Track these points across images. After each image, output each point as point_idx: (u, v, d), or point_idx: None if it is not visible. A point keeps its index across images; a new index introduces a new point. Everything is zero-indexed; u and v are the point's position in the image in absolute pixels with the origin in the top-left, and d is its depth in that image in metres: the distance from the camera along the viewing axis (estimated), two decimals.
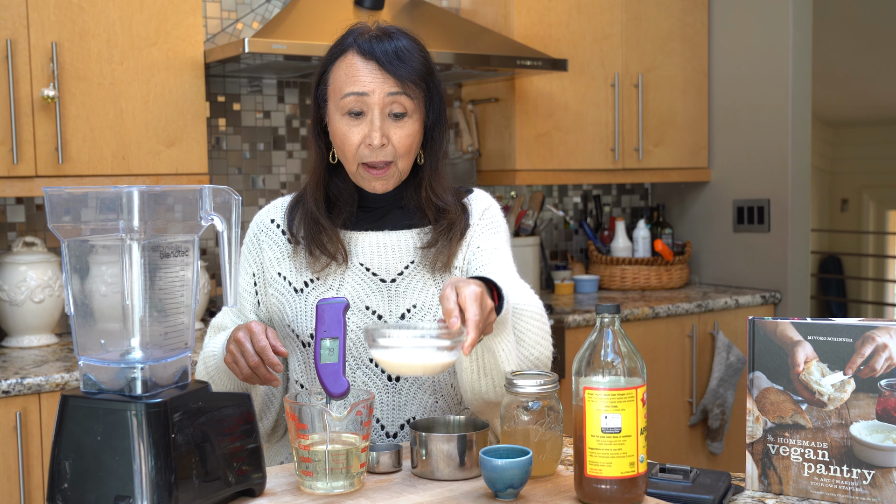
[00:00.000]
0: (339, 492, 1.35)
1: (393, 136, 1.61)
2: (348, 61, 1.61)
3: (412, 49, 1.62)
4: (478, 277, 1.46)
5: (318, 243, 1.66)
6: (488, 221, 1.73)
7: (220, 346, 1.64)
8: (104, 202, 1.23)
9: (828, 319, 1.37)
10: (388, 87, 1.58)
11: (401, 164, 1.64)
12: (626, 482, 1.27)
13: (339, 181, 1.70)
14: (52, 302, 2.79)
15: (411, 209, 1.70)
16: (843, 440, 1.34)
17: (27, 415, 2.36)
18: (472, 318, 1.30)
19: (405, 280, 1.68)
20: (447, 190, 1.71)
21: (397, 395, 1.67)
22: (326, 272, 1.68)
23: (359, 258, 1.68)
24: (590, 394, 1.27)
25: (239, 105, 3.28)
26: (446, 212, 1.68)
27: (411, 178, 1.70)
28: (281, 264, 1.71)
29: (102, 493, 1.20)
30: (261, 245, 1.74)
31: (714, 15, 3.94)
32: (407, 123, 1.61)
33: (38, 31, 2.58)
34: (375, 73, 1.58)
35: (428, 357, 1.27)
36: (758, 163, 3.83)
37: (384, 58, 1.58)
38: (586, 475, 1.28)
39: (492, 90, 3.57)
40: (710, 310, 3.58)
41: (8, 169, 2.56)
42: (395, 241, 1.69)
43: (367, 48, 1.59)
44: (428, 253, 1.67)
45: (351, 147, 1.61)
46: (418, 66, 1.61)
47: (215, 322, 1.76)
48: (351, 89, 1.59)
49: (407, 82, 1.59)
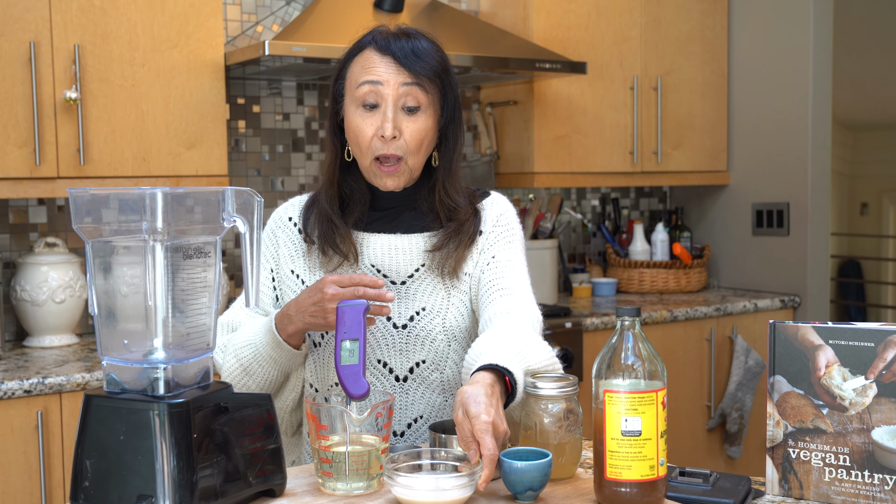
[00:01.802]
0: (358, 493, 1.35)
1: (405, 130, 1.61)
2: (365, 56, 1.64)
3: (430, 49, 1.64)
4: (487, 367, 1.40)
5: (330, 242, 1.67)
6: (503, 229, 1.72)
7: (254, 336, 1.63)
8: (128, 203, 1.24)
9: (849, 324, 1.36)
10: (402, 77, 1.60)
11: (411, 161, 1.64)
12: (645, 485, 1.27)
13: (352, 180, 1.70)
14: (73, 302, 2.81)
15: (424, 211, 1.70)
16: (864, 445, 1.34)
17: (48, 414, 2.38)
18: (486, 454, 1.26)
19: (415, 283, 1.68)
20: (461, 193, 1.70)
21: (405, 395, 1.68)
22: (338, 272, 1.69)
23: (370, 259, 1.69)
24: (610, 397, 1.27)
25: (259, 107, 3.29)
26: (456, 213, 1.68)
27: (425, 179, 1.70)
28: (295, 262, 1.72)
29: (125, 492, 1.21)
30: (277, 241, 1.75)
31: (734, 17, 3.92)
32: (420, 118, 1.62)
33: (60, 33, 2.61)
34: (391, 66, 1.61)
35: (445, 496, 1.27)
36: (777, 166, 3.81)
37: (400, 53, 1.61)
38: (606, 478, 1.28)
39: (510, 93, 3.58)
40: (728, 313, 3.57)
41: (30, 170, 2.58)
42: (406, 243, 1.69)
43: (385, 44, 1.62)
44: (436, 256, 1.67)
45: (365, 139, 1.62)
46: (434, 64, 1.63)
47: (228, 320, 1.75)
48: (366, 78, 1.61)
49: (422, 77, 1.61)
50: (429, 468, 1.35)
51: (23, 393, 2.33)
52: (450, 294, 1.69)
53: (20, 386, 2.33)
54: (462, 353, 1.70)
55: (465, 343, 1.70)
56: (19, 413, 2.35)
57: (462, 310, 1.69)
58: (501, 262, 1.69)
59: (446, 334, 1.68)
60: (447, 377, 1.69)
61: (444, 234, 1.68)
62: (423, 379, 1.68)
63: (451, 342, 1.68)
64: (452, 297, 1.69)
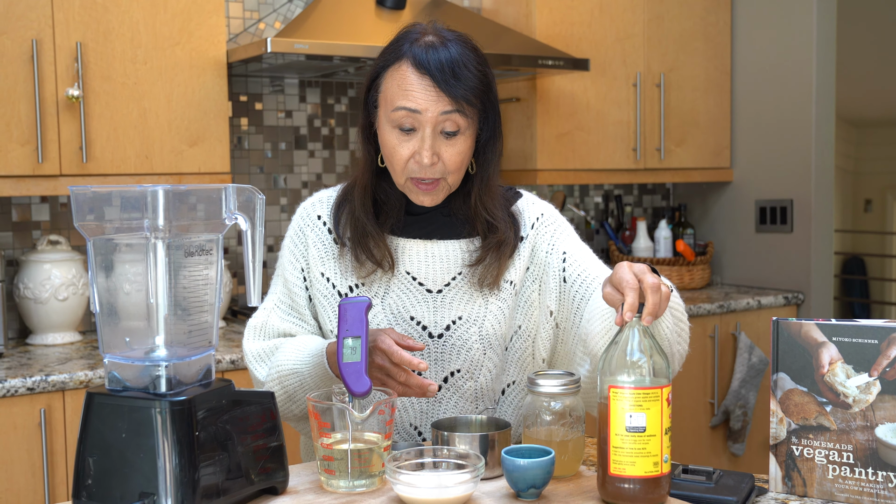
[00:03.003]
0: (361, 490, 1.35)
1: (444, 154, 1.55)
2: (402, 72, 1.54)
3: (469, 62, 1.54)
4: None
5: (364, 249, 1.62)
6: (555, 225, 1.69)
7: (301, 365, 1.57)
8: (129, 201, 1.24)
9: (853, 321, 1.36)
10: (441, 105, 1.52)
11: (451, 179, 1.58)
12: (649, 482, 1.26)
13: (387, 186, 1.65)
14: (75, 300, 2.81)
15: (460, 219, 1.65)
16: (868, 442, 1.33)
17: (51, 412, 2.38)
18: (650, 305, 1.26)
19: (451, 291, 1.65)
20: (497, 204, 1.64)
21: (437, 405, 1.65)
22: (372, 279, 1.65)
23: (405, 266, 1.64)
24: (615, 392, 1.26)
25: (261, 105, 3.29)
26: (496, 229, 1.63)
27: (461, 187, 1.64)
28: (325, 264, 1.67)
29: (127, 489, 1.20)
30: (306, 240, 1.68)
31: (737, 14, 3.92)
32: (459, 141, 1.55)
33: (63, 31, 2.60)
34: (430, 91, 1.52)
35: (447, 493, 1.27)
36: (781, 162, 3.80)
37: (440, 75, 1.51)
38: (610, 474, 1.28)
39: (513, 90, 3.57)
40: (732, 310, 3.57)
41: (33, 168, 2.58)
42: (442, 251, 1.65)
43: (423, 60, 1.52)
44: (476, 270, 1.63)
45: (400, 161, 1.56)
46: (475, 84, 1.54)
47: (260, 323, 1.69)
48: (403, 104, 1.53)
49: (462, 102, 1.52)
50: (431, 466, 1.35)
51: (26, 391, 2.33)
52: (487, 302, 1.64)
53: (23, 383, 2.33)
54: (496, 360, 1.66)
55: (500, 350, 1.66)
56: (22, 411, 2.35)
57: (500, 317, 1.65)
58: (576, 255, 1.66)
59: (482, 343, 1.64)
60: (481, 385, 1.65)
61: (484, 249, 1.63)
62: (457, 388, 1.64)
63: (487, 350, 1.64)
64: (490, 304, 1.64)
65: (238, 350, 2.62)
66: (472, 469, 1.28)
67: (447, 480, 1.26)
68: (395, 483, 1.28)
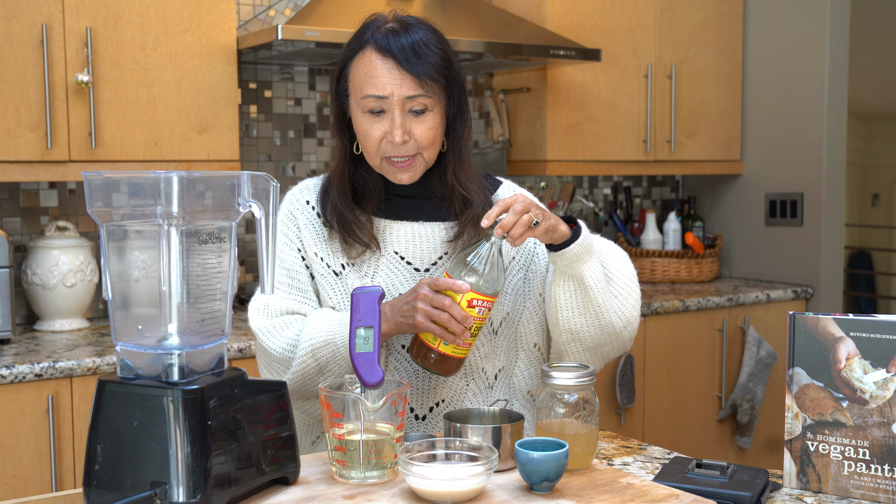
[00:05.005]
0: (372, 481, 1.34)
1: (415, 132, 1.61)
2: (367, 59, 1.61)
3: (429, 41, 1.61)
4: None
5: (350, 232, 1.67)
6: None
7: (335, 335, 1.58)
8: (142, 187, 1.23)
9: (871, 316, 1.35)
10: (405, 89, 1.58)
11: (426, 154, 1.64)
12: (446, 357, 1.55)
13: (365, 171, 1.70)
14: (84, 286, 2.80)
15: (439, 198, 1.70)
16: (884, 439, 1.32)
17: (59, 398, 2.38)
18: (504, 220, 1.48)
19: (438, 271, 1.69)
20: (472, 179, 1.70)
21: (427, 379, 1.68)
22: (361, 259, 1.69)
23: (392, 246, 1.69)
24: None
25: (270, 92, 3.28)
26: (471, 203, 1.68)
27: (435, 166, 1.70)
28: (318, 245, 1.71)
29: (138, 478, 1.20)
30: (298, 223, 1.72)
31: (749, 5, 3.89)
32: (428, 117, 1.62)
33: (72, 16, 2.59)
34: (394, 73, 1.58)
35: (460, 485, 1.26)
36: (791, 156, 3.78)
37: (401, 55, 1.58)
38: (421, 340, 1.55)
39: (523, 80, 3.55)
40: (740, 304, 3.55)
41: (42, 154, 2.57)
42: (428, 231, 1.70)
43: (384, 44, 1.59)
44: (456, 245, 1.68)
45: (373, 143, 1.62)
46: (436, 61, 1.60)
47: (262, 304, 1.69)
48: (370, 91, 1.60)
49: (425, 80, 1.59)
50: (443, 458, 1.34)
51: (33, 377, 2.33)
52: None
53: (31, 370, 2.32)
54: (483, 339, 1.70)
55: (487, 330, 1.70)
56: (30, 397, 2.34)
57: None
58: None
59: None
60: (469, 362, 1.69)
61: (462, 224, 1.68)
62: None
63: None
64: None
65: (246, 338, 2.61)
66: (486, 461, 1.27)
67: (460, 473, 1.26)
68: (407, 475, 1.27)
